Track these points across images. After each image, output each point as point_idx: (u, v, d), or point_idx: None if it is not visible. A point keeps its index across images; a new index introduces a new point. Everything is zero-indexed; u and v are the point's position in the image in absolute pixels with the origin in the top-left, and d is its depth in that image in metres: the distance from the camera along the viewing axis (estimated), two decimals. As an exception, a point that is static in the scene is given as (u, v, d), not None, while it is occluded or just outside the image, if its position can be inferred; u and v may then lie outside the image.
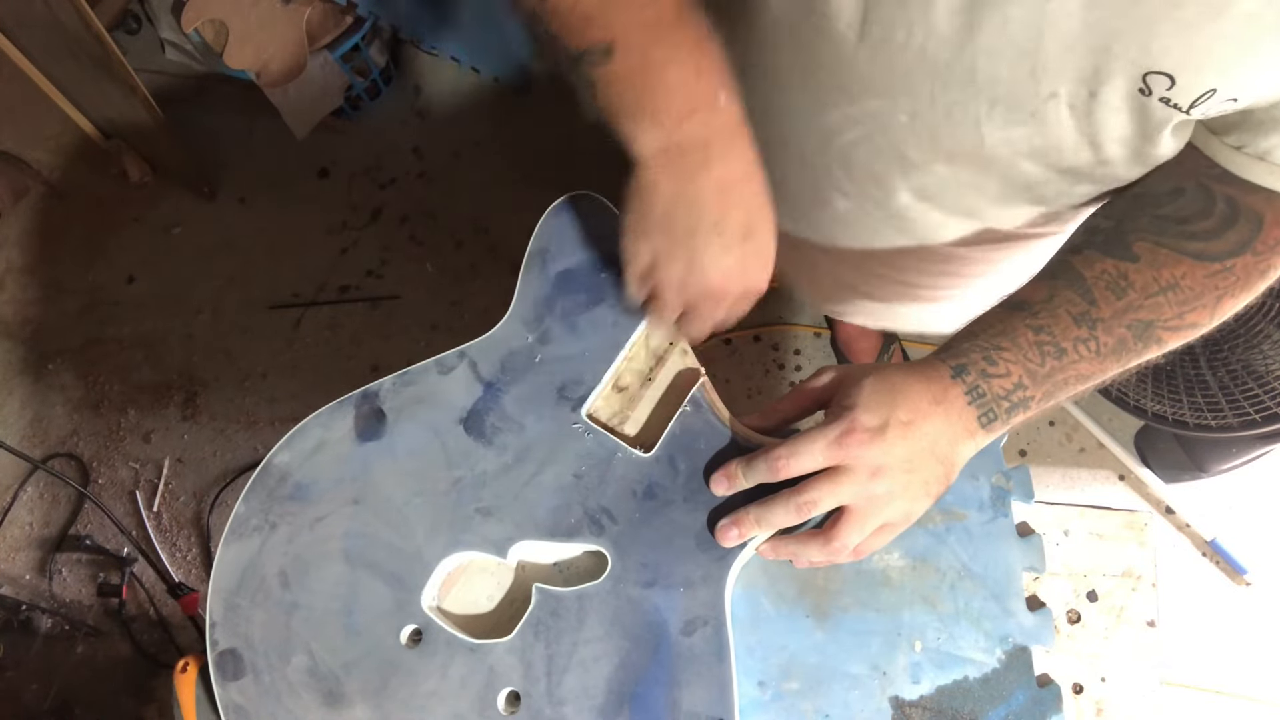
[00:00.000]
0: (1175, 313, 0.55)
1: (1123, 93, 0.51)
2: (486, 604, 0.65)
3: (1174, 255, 0.55)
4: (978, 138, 0.59)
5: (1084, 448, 1.52)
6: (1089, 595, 0.67)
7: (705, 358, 0.67)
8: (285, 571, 0.64)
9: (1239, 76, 0.47)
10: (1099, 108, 0.53)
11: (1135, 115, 0.52)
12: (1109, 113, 0.53)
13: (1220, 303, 0.56)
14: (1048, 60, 0.51)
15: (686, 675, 0.57)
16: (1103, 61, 0.50)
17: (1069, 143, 0.57)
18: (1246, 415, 1.18)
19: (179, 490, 1.67)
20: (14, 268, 1.87)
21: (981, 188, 0.65)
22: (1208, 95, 0.48)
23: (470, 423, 0.65)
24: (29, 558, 1.65)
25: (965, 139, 0.59)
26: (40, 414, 1.76)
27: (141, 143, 1.82)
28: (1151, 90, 0.49)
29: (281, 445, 0.67)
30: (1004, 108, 0.56)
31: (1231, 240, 0.54)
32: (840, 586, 0.63)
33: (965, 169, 0.63)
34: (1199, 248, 0.55)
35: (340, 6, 1.62)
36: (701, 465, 0.62)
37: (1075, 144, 0.57)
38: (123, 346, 1.79)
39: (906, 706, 0.59)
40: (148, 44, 1.93)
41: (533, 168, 1.82)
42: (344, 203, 1.84)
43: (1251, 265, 0.55)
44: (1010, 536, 0.62)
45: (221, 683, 0.62)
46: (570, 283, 0.67)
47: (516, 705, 0.59)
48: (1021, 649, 0.60)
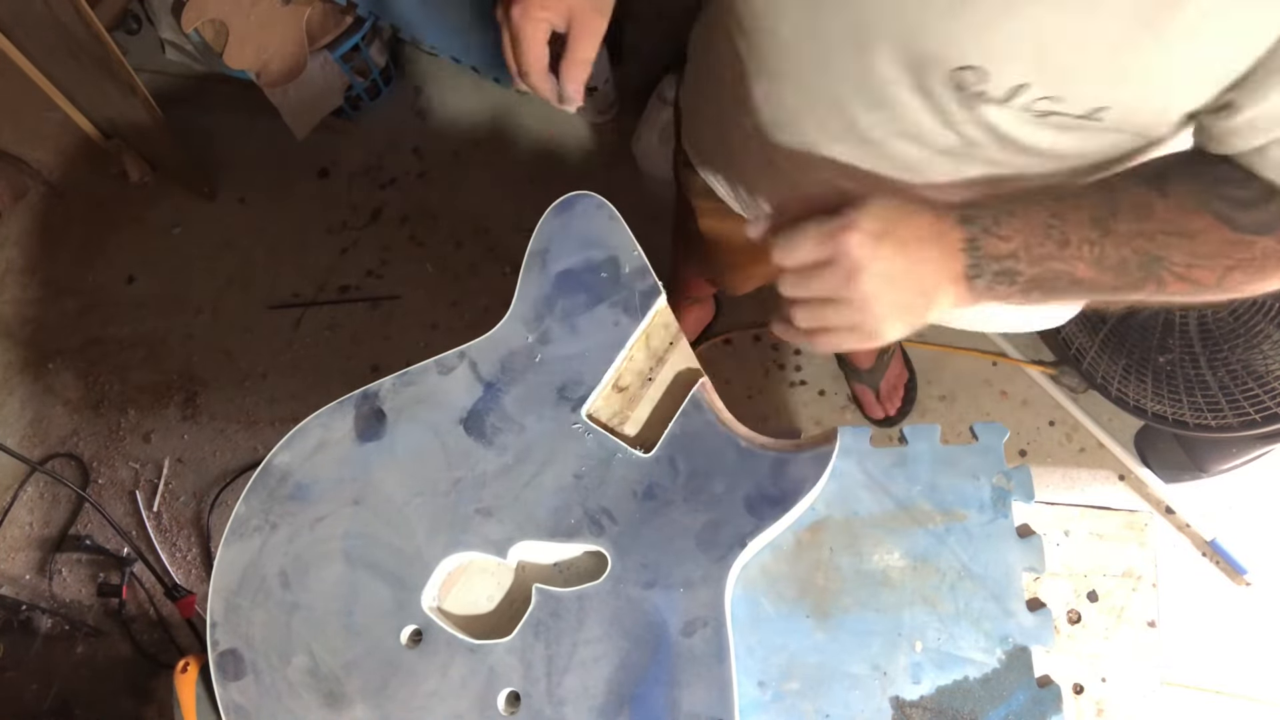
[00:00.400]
0: (1184, 260, 0.55)
1: (943, 83, 0.55)
2: (486, 604, 0.65)
3: (1201, 207, 0.55)
4: (849, 118, 0.63)
5: (1084, 448, 1.52)
6: (1089, 595, 0.67)
7: (705, 358, 0.67)
8: (285, 572, 0.64)
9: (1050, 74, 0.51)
10: (931, 96, 0.57)
11: (964, 105, 0.56)
12: (942, 101, 0.57)
13: (1229, 273, 0.55)
14: (876, 52, 0.56)
15: (686, 676, 0.57)
16: (917, 55, 0.54)
17: (925, 126, 0.60)
18: (1246, 415, 1.18)
19: (179, 490, 1.67)
20: (14, 268, 1.87)
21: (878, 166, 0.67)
22: (1020, 90, 0.52)
23: (470, 423, 0.65)
24: (29, 558, 1.65)
25: (838, 119, 0.63)
26: (40, 414, 1.76)
27: (141, 143, 1.82)
28: (966, 85, 0.54)
29: (282, 445, 0.67)
30: (864, 91, 0.60)
31: (1261, 216, 0.54)
32: (840, 587, 0.63)
33: (855, 150, 0.66)
34: (1227, 211, 0.54)
35: (340, 6, 1.62)
36: (701, 466, 0.62)
37: (932, 127, 0.60)
38: (123, 346, 1.79)
39: (907, 707, 0.59)
40: (148, 44, 1.92)
41: (533, 168, 1.82)
42: (344, 203, 1.84)
43: (1272, 250, 0.54)
44: (1010, 537, 0.62)
45: (222, 683, 0.62)
46: (570, 283, 0.67)
47: (516, 705, 0.59)
48: (1022, 649, 0.60)
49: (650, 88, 1.61)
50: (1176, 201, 0.55)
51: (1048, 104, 0.53)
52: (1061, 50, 0.50)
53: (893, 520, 0.64)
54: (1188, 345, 1.22)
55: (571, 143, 1.81)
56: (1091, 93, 0.52)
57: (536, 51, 0.64)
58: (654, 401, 0.66)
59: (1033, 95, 0.52)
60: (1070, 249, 0.55)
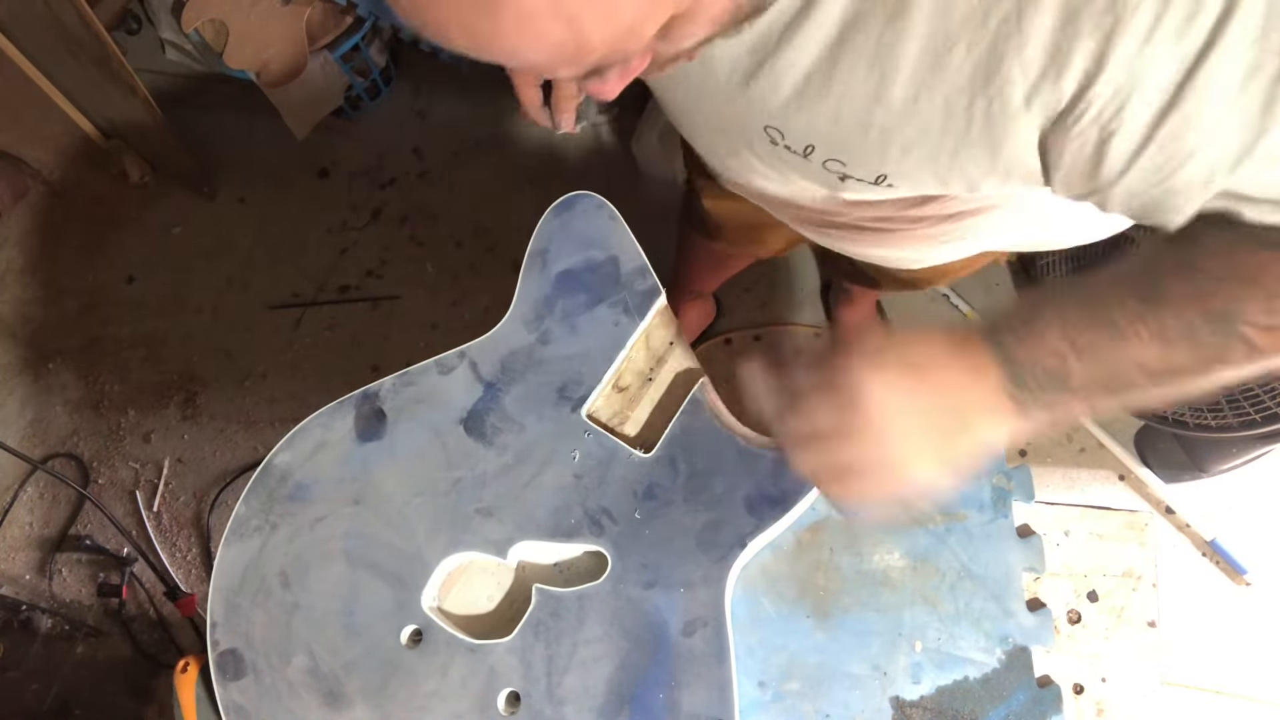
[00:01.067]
0: (1262, 306, 0.46)
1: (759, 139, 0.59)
2: (486, 604, 0.65)
3: (1246, 242, 0.47)
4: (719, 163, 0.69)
5: (1084, 448, 1.52)
6: (1089, 595, 0.67)
7: (705, 358, 0.67)
8: (286, 572, 0.64)
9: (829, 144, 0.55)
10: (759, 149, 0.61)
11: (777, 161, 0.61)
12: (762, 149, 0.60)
13: None
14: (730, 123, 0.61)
15: (686, 676, 0.57)
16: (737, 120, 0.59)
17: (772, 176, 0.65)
18: (1246, 415, 1.18)
19: (179, 490, 1.67)
20: (14, 268, 1.87)
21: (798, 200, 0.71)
22: (810, 150, 0.57)
23: (470, 423, 0.65)
24: (29, 558, 1.65)
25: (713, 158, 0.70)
26: (40, 414, 1.76)
27: (141, 143, 1.82)
28: (775, 139, 0.58)
29: (282, 445, 0.67)
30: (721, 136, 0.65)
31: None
32: (840, 587, 0.63)
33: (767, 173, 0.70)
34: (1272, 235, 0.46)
35: (340, 6, 1.62)
36: (701, 466, 0.62)
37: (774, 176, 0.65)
38: (123, 346, 1.79)
39: (907, 706, 0.59)
40: (148, 44, 1.92)
41: (533, 168, 1.82)
42: (344, 203, 1.84)
43: None
44: (1010, 537, 0.62)
45: (222, 683, 0.62)
46: (570, 283, 0.67)
47: (516, 705, 0.59)
48: (1022, 649, 0.60)
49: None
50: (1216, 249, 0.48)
51: (839, 167, 0.57)
52: (827, 127, 0.53)
53: (892, 520, 0.64)
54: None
55: (571, 143, 1.81)
56: (868, 163, 0.55)
57: (528, 94, 0.75)
58: (654, 401, 0.66)
59: (822, 156, 0.56)
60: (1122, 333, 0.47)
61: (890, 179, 0.56)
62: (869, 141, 0.53)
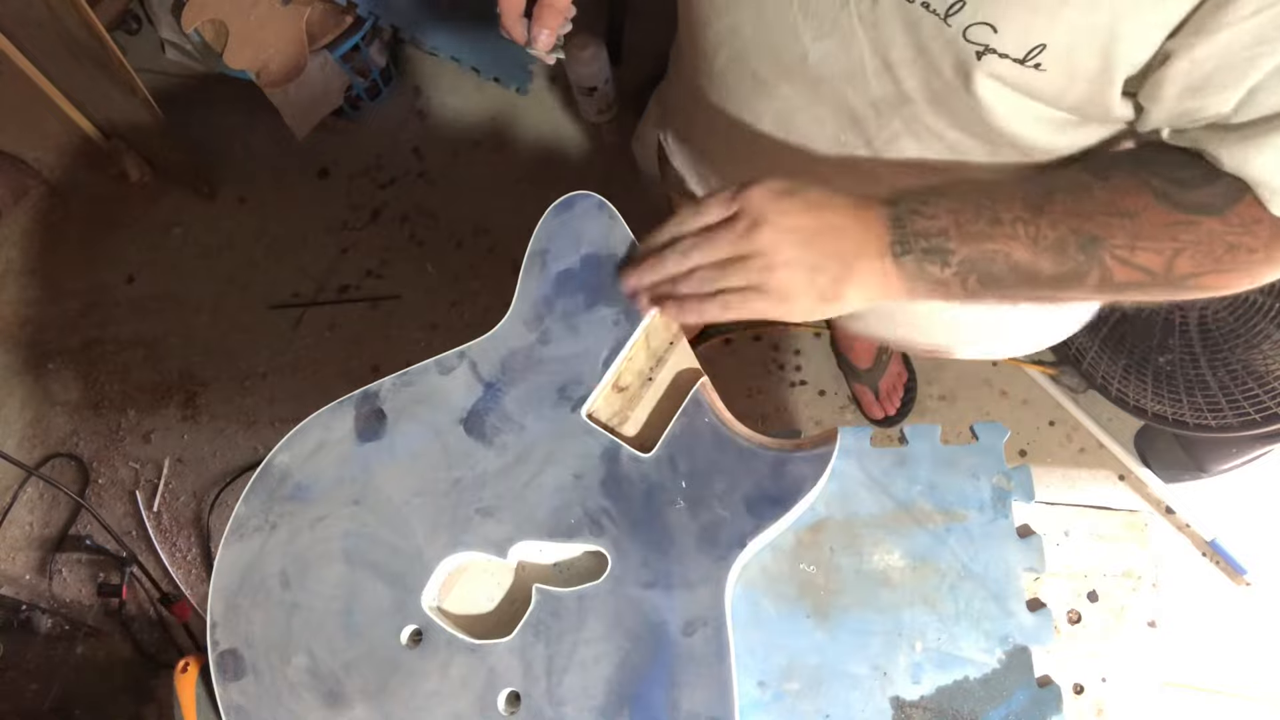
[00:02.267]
0: (1125, 241, 0.53)
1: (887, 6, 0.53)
2: (487, 604, 0.65)
3: (1141, 188, 0.53)
4: (801, 50, 0.60)
5: (1084, 448, 1.52)
6: (1089, 595, 0.67)
7: (705, 358, 0.67)
8: (286, 572, 0.64)
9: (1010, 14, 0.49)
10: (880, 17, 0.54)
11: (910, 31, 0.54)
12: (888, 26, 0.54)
13: (1177, 257, 0.53)
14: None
15: (687, 676, 0.57)
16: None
17: (869, 66, 0.58)
18: (1246, 415, 1.18)
19: (179, 490, 1.67)
20: (14, 268, 1.87)
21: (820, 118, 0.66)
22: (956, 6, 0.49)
23: (470, 423, 0.65)
24: (29, 558, 1.65)
25: (791, 51, 0.61)
26: (40, 414, 1.76)
27: (141, 143, 1.82)
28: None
29: (282, 445, 0.67)
30: (813, 17, 0.58)
31: (1203, 197, 0.52)
32: (840, 586, 0.63)
33: (800, 90, 0.64)
34: (1168, 190, 0.52)
35: (340, 6, 1.62)
36: (701, 466, 0.62)
37: (874, 67, 0.58)
38: (123, 346, 1.79)
39: (907, 707, 0.59)
40: (148, 44, 1.92)
41: (533, 168, 1.82)
42: (344, 203, 1.84)
43: (1217, 232, 0.52)
44: (1010, 537, 0.62)
45: (222, 683, 0.62)
46: (570, 283, 0.67)
47: (517, 705, 0.59)
48: (1022, 649, 0.60)
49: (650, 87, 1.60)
50: (1116, 183, 0.54)
51: (986, 33, 0.50)
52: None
53: (893, 520, 0.64)
54: (1188, 345, 1.22)
55: (571, 143, 1.81)
56: (1025, 24, 0.49)
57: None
58: (654, 401, 0.66)
59: (969, 17, 0.50)
60: (1003, 227, 0.53)
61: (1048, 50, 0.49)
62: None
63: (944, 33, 0.52)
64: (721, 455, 0.62)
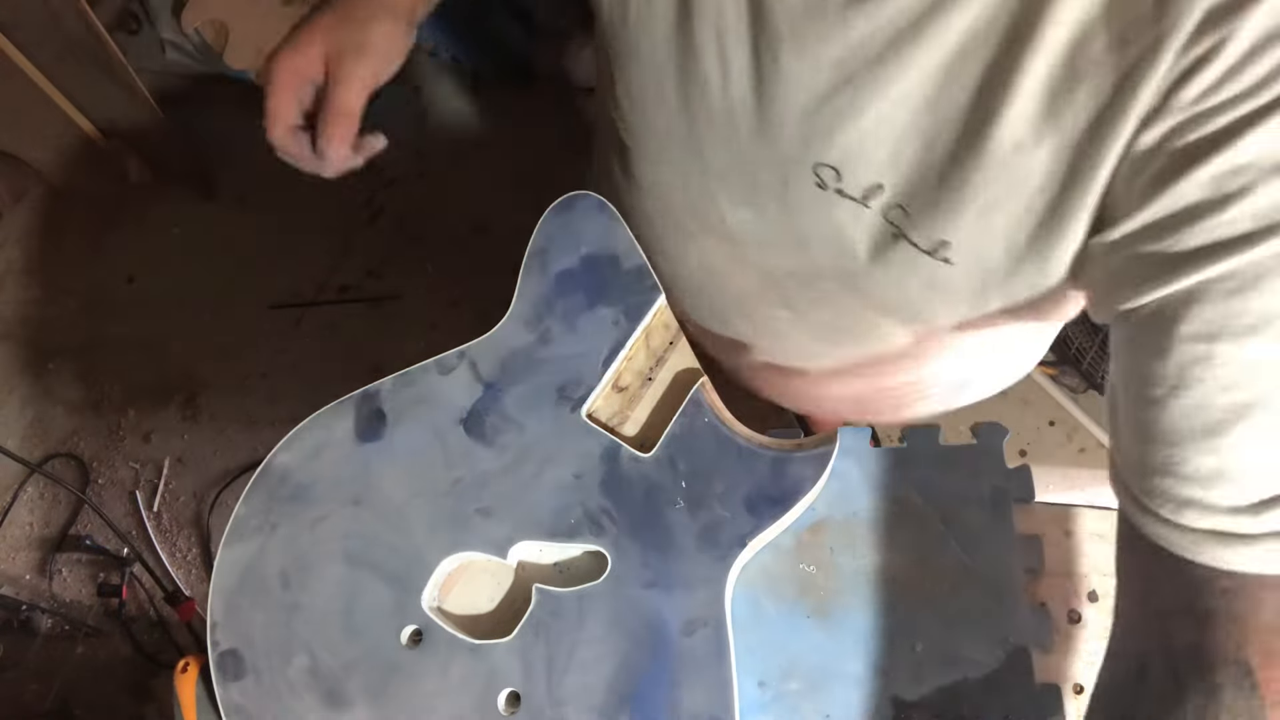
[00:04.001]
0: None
1: (805, 179, 0.52)
2: (487, 604, 0.65)
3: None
4: (719, 213, 0.60)
5: (1084, 448, 1.52)
6: (1089, 595, 0.67)
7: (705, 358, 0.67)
8: (286, 572, 0.64)
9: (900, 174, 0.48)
10: (791, 197, 0.54)
11: (822, 211, 0.53)
12: (800, 206, 0.54)
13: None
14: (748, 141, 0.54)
15: (686, 676, 0.57)
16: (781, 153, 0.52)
17: (784, 239, 0.58)
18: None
19: (179, 490, 1.67)
20: (14, 268, 1.87)
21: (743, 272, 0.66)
22: (875, 190, 0.50)
23: (470, 423, 0.65)
24: (29, 558, 1.65)
25: (711, 212, 0.61)
26: (40, 414, 1.76)
27: (141, 143, 1.82)
28: (825, 183, 0.51)
29: (282, 446, 0.67)
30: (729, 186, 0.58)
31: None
32: (840, 586, 0.63)
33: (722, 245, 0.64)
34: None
35: (340, 6, 1.62)
36: (701, 466, 0.62)
37: (788, 242, 0.58)
38: (123, 346, 1.79)
39: (907, 707, 0.59)
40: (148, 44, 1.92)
41: (533, 168, 1.82)
42: (344, 203, 1.84)
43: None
44: (1010, 537, 0.62)
45: (222, 683, 0.62)
46: (570, 283, 0.67)
47: (517, 705, 0.59)
48: (1022, 649, 0.60)
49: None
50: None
51: (900, 216, 0.50)
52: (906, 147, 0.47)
53: (893, 520, 0.64)
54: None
55: (572, 143, 1.82)
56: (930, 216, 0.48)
57: (275, 102, 0.59)
58: (654, 401, 0.66)
59: (888, 200, 0.50)
60: None
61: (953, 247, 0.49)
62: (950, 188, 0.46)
63: (861, 215, 0.52)
64: (721, 455, 0.62)
